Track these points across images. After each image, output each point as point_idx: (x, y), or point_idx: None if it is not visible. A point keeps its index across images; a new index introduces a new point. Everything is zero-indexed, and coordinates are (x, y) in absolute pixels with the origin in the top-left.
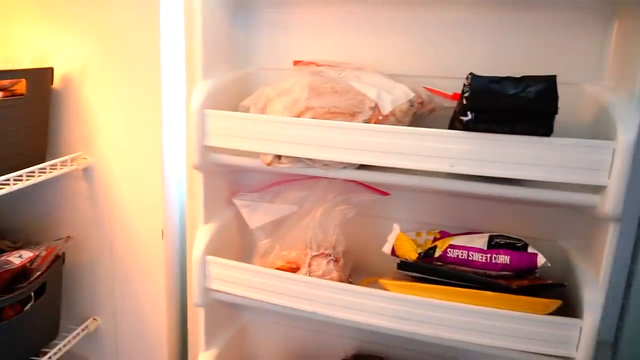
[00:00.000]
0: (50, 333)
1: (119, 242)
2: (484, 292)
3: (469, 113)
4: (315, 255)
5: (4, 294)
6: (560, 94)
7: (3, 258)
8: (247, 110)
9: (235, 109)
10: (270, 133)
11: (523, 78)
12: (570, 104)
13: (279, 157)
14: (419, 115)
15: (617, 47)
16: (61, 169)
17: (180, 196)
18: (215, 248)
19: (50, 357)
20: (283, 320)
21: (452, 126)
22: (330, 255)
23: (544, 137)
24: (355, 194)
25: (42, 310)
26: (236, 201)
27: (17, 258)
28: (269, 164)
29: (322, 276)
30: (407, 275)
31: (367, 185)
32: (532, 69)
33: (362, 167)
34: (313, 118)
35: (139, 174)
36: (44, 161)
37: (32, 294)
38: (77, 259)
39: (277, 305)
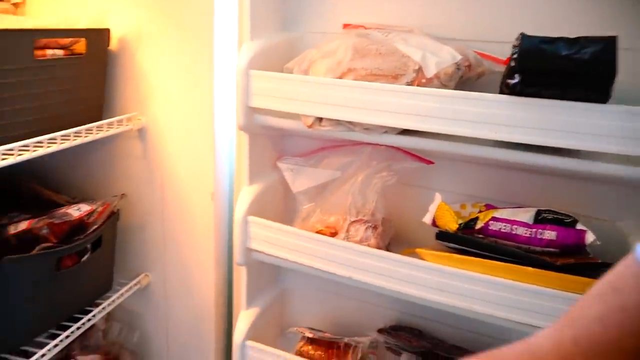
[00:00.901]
0: (105, 286)
1: (170, 202)
2: (525, 267)
3: (516, 76)
4: (353, 221)
5: (63, 244)
6: (625, 59)
7: (62, 210)
8: (291, 72)
9: (282, 72)
10: (311, 94)
11: (578, 39)
12: (635, 70)
13: (320, 119)
14: (466, 79)
15: None
16: (117, 127)
17: (230, 159)
18: (259, 209)
19: (104, 308)
20: (323, 287)
21: (500, 92)
22: (368, 222)
23: (598, 103)
24: (398, 162)
25: (98, 263)
26: (280, 164)
27: (76, 211)
28: (310, 126)
29: (360, 242)
30: (447, 247)
31: (411, 153)
32: (593, 34)
33: (404, 132)
34: (355, 80)
35: (190, 136)
36: (100, 120)
37: (89, 246)
38: (130, 216)
39: (314, 268)
